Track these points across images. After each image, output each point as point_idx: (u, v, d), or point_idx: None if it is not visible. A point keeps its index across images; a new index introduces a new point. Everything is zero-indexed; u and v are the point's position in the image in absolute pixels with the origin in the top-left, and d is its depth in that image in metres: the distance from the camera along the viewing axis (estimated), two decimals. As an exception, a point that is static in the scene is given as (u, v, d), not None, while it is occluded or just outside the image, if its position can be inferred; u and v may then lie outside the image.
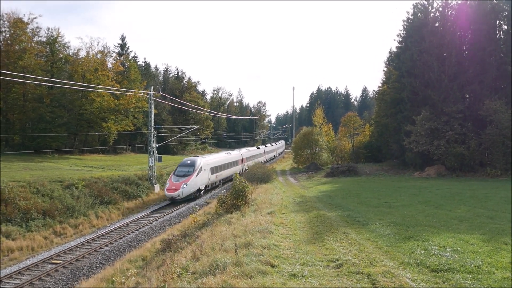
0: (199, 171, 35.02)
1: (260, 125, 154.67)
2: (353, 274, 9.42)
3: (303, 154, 60.88)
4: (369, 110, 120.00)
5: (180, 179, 33.58)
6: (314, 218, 17.89)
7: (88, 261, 18.63)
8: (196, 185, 34.77)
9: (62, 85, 48.84)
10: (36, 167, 35.18)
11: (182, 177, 33.76)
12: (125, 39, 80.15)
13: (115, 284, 13.40)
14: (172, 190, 32.78)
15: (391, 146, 51.51)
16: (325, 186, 35.84)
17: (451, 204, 21.68)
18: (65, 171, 33.93)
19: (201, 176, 35.55)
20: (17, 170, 31.70)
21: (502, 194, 24.85)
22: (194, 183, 34.28)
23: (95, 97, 53.46)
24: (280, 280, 9.02)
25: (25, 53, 47.89)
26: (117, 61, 65.31)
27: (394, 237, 13.24)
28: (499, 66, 39.97)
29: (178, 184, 33.03)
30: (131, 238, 22.85)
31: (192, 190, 34.15)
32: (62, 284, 16.02)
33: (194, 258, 12.24)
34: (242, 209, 20.47)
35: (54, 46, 54.28)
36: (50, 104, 49.81)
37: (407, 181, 37.28)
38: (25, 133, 48.85)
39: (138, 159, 57.54)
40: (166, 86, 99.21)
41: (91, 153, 57.53)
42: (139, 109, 63.75)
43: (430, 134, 41.01)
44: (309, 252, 11.85)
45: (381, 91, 56.22)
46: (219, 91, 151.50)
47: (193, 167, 34.79)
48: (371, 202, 23.13)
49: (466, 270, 9.44)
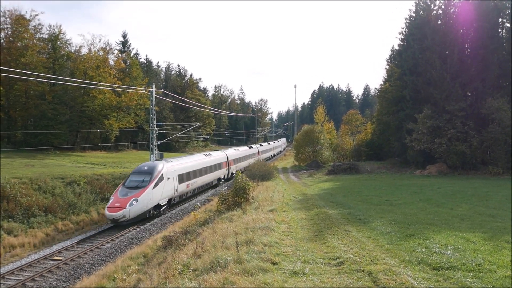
0: (158, 180, 26.52)
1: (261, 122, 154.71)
2: (354, 272, 9.42)
3: (304, 151, 60.88)
4: (370, 108, 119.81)
5: (129, 193, 24.82)
6: (315, 215, 17.90)
7: (89, 258, 18.67)
8: (152, 200, 25.85)
9: (64, 82, 48.95)
10: (38, 164, 35.24)
11: (133, 189, 25.09)
12: (127, 36, 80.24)
13: (117, 280, 13.45)
14: (114, 209, 23.66)
15: (392, 144, 51.46)
16: (326, 184, 35.83)
17: (452, 202, 21.66)
18: (67, 168, 33.98)
19: (161, 187, 26.97)
20: (19, 167, 31.77)
21: (503, 193, 24.82)
22: (149, 197, 25.42)
23: (97, 94, 53.49)
24: (281, 278, 9.03)
25: (27, 50, 47.96)
26: (119, 58, 65.35)
27: (395, 235, 13.24)
28: (501, 64, 39.83)
29: (124, 200, 24.15)
30: (132, 235, 22.88)
31: (146, 208, 25.18)
32: (63, 281, 16.07)
33: (195, 255, 12.26)
34: (244, 207, 20.49)
35: (56, 43, 54.30)
36: (52, 101, 49.88)
37: (408, 179, 37.23)
38: (27, 130, 48.95)
39: (140, 156, 57.62)
40: (168, 84, 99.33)
41: (93, 150, 57.65)
42: (141, 106, 63.81)
43: (432, 132, 40.93)
44: (310, 249, 11.86)
45: (383, 89, 56.11)
46: (221, 89, 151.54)
47: (151, 175, 26.28)
48: (372, 200, 23.13)
49: (467, 269, 9.44)
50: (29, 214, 23.17)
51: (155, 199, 26.17)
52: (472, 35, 42.57)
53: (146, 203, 25.10)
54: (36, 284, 15.68)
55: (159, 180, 26.62)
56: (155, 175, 26.37)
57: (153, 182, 25.92)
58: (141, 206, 24.56)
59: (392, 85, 51.57)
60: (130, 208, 23.75)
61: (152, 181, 25.88)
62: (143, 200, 24.68)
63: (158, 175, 26.62)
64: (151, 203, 25.78)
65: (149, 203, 25.47)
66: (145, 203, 24.94)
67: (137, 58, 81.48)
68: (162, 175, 27.12)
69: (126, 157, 53.92)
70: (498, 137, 37.62)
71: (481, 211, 18.37)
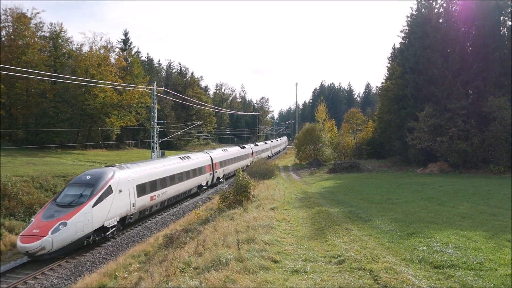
0: (104, 194, 19.86)
1: (263, 121, 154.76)
2: (355, 270, 9.43)
3: (305, 150, 60.84)
4: (372, 106, 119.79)
5: (58, 213, 17.97)
6: (316, 214, 17.91)
7: (91, 256, 18.68)
8: (91, 223, 18.85)
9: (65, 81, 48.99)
10: (39, 162, 35.29)
11: (64, 208, 18.30)
12: (128, 34, 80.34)
13: (118, 278, 13.47)
14: (30, 238, 16.74)
15: (394, 142, 51.41)
16: (327, 182, 35.83)
17: (453, 200, 21.64)
18: (68, 166, 34.03)
19: (108, 203, 20.09)
20: (20, 165, 31.83)
21: (505, 191, 24.78)
22: (87, 219, 18.49)
23: (98, 92, 53.57)
24: (282, 276, 9.04)
25: (28, 48, 48.03)
26: (120, 56, 65.46)
27: (397, 234, 13.25)
28: (502, 63, 39.71)
29: (47, 224, 17.28)
30: (134, 233, 22.90)
31: (79, 234, 18.13)
32: (65, 279, 16.09)
33: (197, 253, 12.27)
34: (245, 205, 20.49)
35: (57, 41, 54.38)
36: (53, 99, 49.98)
37: (409, 178, 37.20)
38: (28, 128, 49.02)
39: (141, 154, 57.65)
40: (169, 82, 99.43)
41: (94, 148, 57.75)
42: (142, 104, 63.91)
43: (433, 130, 40.88)
44: (311, 248, 11.87)
45: (384, 87, 56.05)
46: (222, 87, 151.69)
47: (93, 188, 19.56)
48: (373, 199, 23.13)
49: (468, 267, 9.44)
50: (30, 212, 23.23)
51: (96, 220, 19.19)
52: (473, 33, 42.46)
53: (81, 227, 18.11)
54: (38, 282, 15.71)
55: (105, 193, 19.95)
56: (99, 187, 19.73)
57: (95, 197, 19.20)
58: (71, 232, 17.55)
59: (393, 83, 51.49)
60: (53, 236, 16.76)
61: (94, 196, 19.17)
62: (75, 224, 17.72)
63: (105, 187, 19.96)
64: (90, 226, 18.74)
65: (86, 226, 18.47)
66: (78, 227, 17.93)
67: (138, 56, 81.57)
68: (110, 187, 20.43)
69: (127, 155, 53.96)
70: (499, 135, 37.54)
71: (482, 210, 18.36)
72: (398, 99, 49.44)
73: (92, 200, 18.99)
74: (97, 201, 19.25)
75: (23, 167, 30.71)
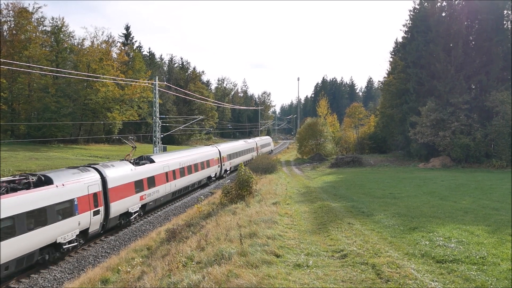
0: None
1: (264, 115, 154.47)
2: (357, 264, 9.45)
3: (307, 144, 60.75)
4: (374, 101, 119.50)
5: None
6: (318, 208, 17.92)
7: (93, 250, 18.75)
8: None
9: (67, 75, 49.01)
10: (41, 156, 35.36)
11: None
12: (130, 29, 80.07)
13: (121, 273, 13.51)
14: None
15: (396, 137, 51.33)
16: (329, 177, 35.81)
17: (456, 195, 21.63)
18: (70, 161, 34.09)
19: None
20: (22, 159, 31.89)
21: (507, 186, 24.73)
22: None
23: (100, 87, 53.57)
24: (284, 270, 9.06)
25: (30, 43, 48.01)
26: (122, 51, 65.39)
27: (399, 228, 13.25)
28: (505, 57, 39.54)
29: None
30: (136, 227, 22.95)
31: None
32: (68, 273, 16.16)
33: (199, 247, 12.31)
34: (247, 200, 20.52)
35: (59, 35, 54.34)
36: (55, 94, 50.02)
37: (412, 172, 37.16)
38: (30, 123, 49.10)
39: (143, 148, 57.60)
40: (171, 76, 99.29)
41: (96, 143, 57.83)
42: (144, 99, 63.90)
43: (436, 125, 40.79)
44: (314, 242, 11.88)
45: (387, 81, 55.89)
46: (224, 82, 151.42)
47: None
48: (375, 193, 23.12)
49: (471, 261, 9.45)
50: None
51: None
52: (476, 27, 42.27)
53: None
54: (41, 276, 15.78)
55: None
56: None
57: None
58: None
59: (395, 77, 51.35)
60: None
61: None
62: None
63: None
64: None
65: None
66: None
67: (140, 51, 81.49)
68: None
69: (129, 150, 53.87)
70: (502, 130, 37.45)
71: (485, 204, 18.34)
72: (401, 93, 49.31)
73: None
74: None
75: (25, 161, 30.79)
